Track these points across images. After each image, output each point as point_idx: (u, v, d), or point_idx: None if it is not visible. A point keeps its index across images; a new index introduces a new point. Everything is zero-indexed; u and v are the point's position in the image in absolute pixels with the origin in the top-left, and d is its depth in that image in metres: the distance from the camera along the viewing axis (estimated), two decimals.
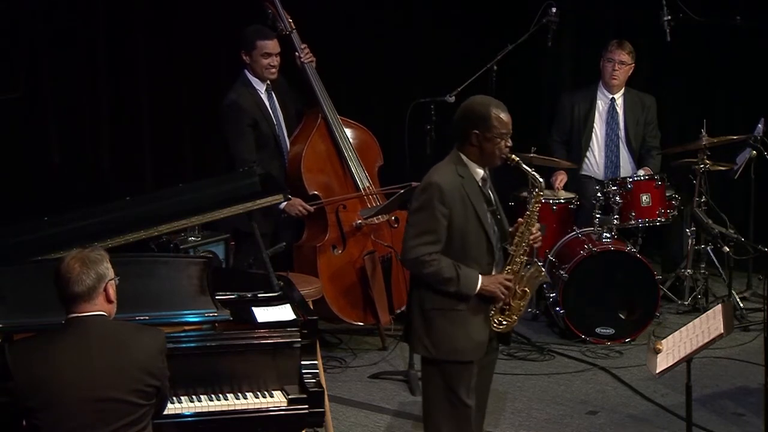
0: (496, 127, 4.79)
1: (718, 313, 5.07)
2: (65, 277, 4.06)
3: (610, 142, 8.00)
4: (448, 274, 4.77)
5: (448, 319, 4.85)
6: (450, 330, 4.85)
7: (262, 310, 4.99)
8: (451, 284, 4.79)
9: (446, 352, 4.87)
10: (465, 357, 4.87)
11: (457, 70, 7.77)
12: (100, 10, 7.87)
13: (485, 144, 4.82)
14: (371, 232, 7.21)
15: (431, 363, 4.95)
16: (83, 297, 4.06)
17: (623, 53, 7.88)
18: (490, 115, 4.79)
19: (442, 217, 4.76)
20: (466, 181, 4.83)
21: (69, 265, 4.07)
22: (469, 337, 4.86)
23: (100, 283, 4.08)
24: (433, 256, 4.76)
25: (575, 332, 7.35)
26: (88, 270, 4.06)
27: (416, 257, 4.79)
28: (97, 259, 4.10)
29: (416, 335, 4.94)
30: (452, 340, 4.85)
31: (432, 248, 4.76)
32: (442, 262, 4.77)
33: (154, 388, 4.11)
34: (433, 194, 4.77)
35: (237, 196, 5.40)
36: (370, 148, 7.36)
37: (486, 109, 4.81)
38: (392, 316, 7.28)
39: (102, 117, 7.97)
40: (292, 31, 7.22)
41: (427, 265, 4.77)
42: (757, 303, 7.84)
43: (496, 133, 4.80)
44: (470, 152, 4.86)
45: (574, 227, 7.63)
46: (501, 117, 4.81)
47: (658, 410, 6.43)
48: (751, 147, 7.72)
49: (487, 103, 4.85)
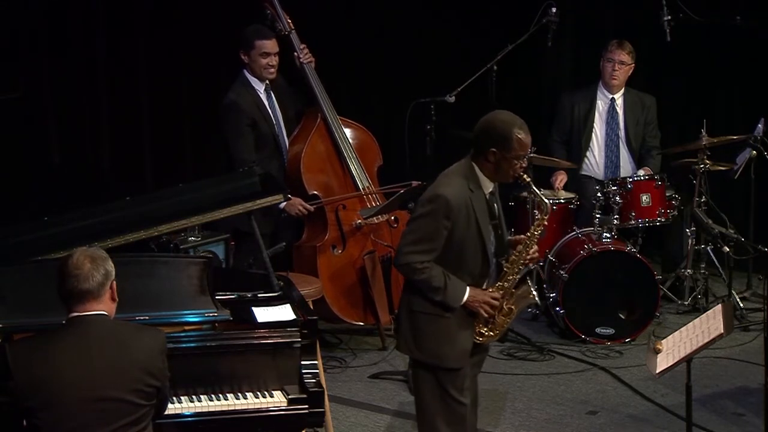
0: (515, 149, 4.76)
1: (718, 313, 5.07)
2: (74, 273, 4.04)
3: (610, 142, 8.00)
4: (436, 284, 4.78)
5: (434, 324, 4.86)
6: (435, 335, 4.86)
7: (262, 310, 4.99)
8: (438, 293, 4.80)
9: (429, 356, 4.88)
10: (448, 364, 4.87)
11: (457, 70, 7.78)
12: (100, 10, 7.87)
13: (502, 163, 4.79)
14: (371, 232, 7.21)
15: (418, 362, 4.96)
16: (92, 294, 4.05)
17: (623, 53, 7.88)
18: (512, 137, 4.75)
19: (443, 229, 4.76)
20: (474, 195, 4.81)
21: (79, 261, 4.05)
22: (453, 344, 4.87)
23: (108, 280, 4.08)
24: (425, 264, 4.77)
25: (575, 332, 7.35)
26: (98, 267, 4.06)
27: (408, 263, 4.80)
28: (105, 257, 4.11)
29: (402, 335, 4.96)
30: (436, 345, 4.86)
31: (425, 257, 4.77)
32: (433, 271, 4.77)
33: (155, 389, 4.11)
34: (440, 207, 4.75)
35: (237, 196, 5.39)
36: (370, 148, 7.36)
37: (509, 130, 4.76)
38: (392, 316, 7.27)
39: (102, 117, 7.97)
40: (291, 31, 7.22)
41: (418, 272, 4.78)
42: (757, 303, 7.84)
43: (514, 155, 4.77)
44: (485, 167, 4.83)
45: (574, 227, 7.64)
46: (522, 139, 4.77)
47: (658, 410, 6.42)
48: (751, 147, 7.72)
49: (511, 123, 4.78)
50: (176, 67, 8.13)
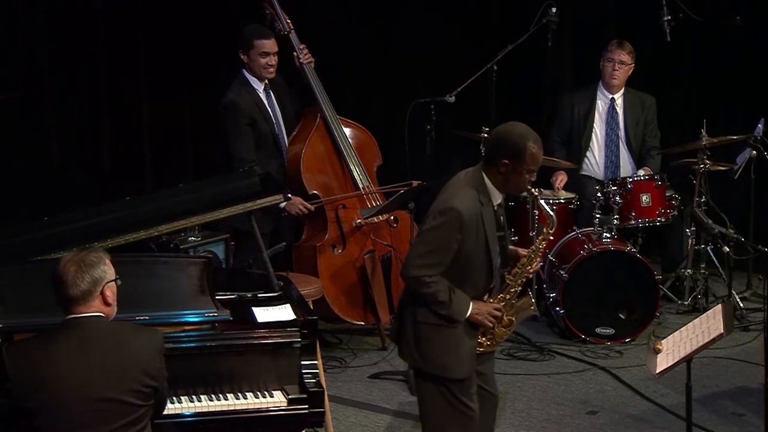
0: (528, 162, 4.75)
1: (718, 313, 5.07)
2: (61, 279, 4.06)
3: (609, 142, 8.00)
4: (442, 298, 4.77)
5: (438, 335, 4.83)
6: (440, 346, 4.84)
7: (262, 310, 4.99)
8: (443, 308, 4.78)
9: (434, 367, 4.86)
10: (453, 374, 4.86)
11: (457, 70, 7.78)
12: (100, 10, 7.87)
13: (512, 175, 4.77)
14: (371, 232, 7.21)
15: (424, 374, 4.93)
16: (78, 300, 4.06)
17: (623, 53, 7.88)
18: (527, 151, 4.73)
19: (454, 242, 4.73)
20: (485, 208, 4.79)
21: (64, 268, 4.06)
22: (458, 355, 4.85)
23: (95, 286, 4.07)
24: (432, 278, 4.75)
25: (575, 332, 7.35)
26: (83, 274, 4.05)
27: (417, 276, 4.77)
28: (94, 262, 4.08)
29: (406, 344, 4.92)
30: (441, 356, 4.84)
31: (434, 270, 4.75)
32: (440, 285, 4.76)
33: (152, 389, 4.10)
34: (453, 220, 4.71)
35: (237, 196, 5.39)
36: (369, 148, 7.36)
37: (524, 143, 4.74)
38: (392, 316, 7.28)
39: (102, 117, 7.96)
40: (290, 31, 7.22)
41: (426, 286, 4.76)
42: (757, 303, 7.84)
43: (526, 168, 4.76)
44: (495, 178, 4.81)
45: (574, 227, 7.64)
46: (535, 153, 4.75)
47: (658, 410, 6.42)
48: (751, 147, 7.71)
49: (526, 137, 4.76)
50: (176, 67, 8.12)
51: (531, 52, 8.21)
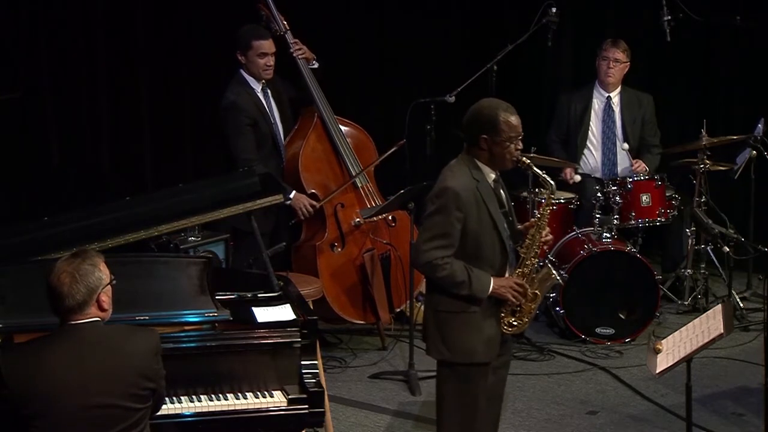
0: (504, 131, 4.77)
1: (718, 313, 5.07)
2: (56, 291, 4.00)
3: (606, 140, 8.00)
4: (460, 278, 4.76)
5: (461, 322, 4.84)
6: (463, 332, 4.84)
7: (262, 310, 4.99)
8: (463, 287, 4.77)
9: (461, 354, 4.86)
10: (479, 358, 4.86)
11: (457, 70, 7.78)
12: (100, 10, 7.87)
13: (495, 148, 4.80)
14: (370, 230, 7.22)
15: (446, 365, 4.94)
16: (73, 310, 4.01)
17: (618, 51, 7.88)
18: (499, 120, 4.77)
19: (456, 221, 4.75)
20: (480, 184, 4.81)
21: (59, 280, 4.00)
22: (483, 338, 4.85)
23: (91, 296, 4.03)
24: (445, 260, 4.75)
25: (575, 332, 7.35)
26: (78, 285, 4.00)
27: (429, 261, 4.77)
28: (88, 271, 4.03)
29: (431, 339, 4.93)
30: (466, 341, 4.84)
31: (445, 252, 4.75)
32: (455, 266, 4.75)
33: (150, 391, 4.07)
34: (449, 199, 4.74)
35: (237, 196, 5.39)
36: (366, 147, 7.36)
37: (494, 113, 4.78)
38: (392, 315, 7.29)
39: (102, 117, 7.96)
40: (286, 31, 7.22)
41: (440, 269, 4.76)
42: (757, 303, 7.84)
43: (505, 137, 4.78)
44: (481, 156, 4.84)
45: (574, 227, 7.64)
46: (510, 120, 4.78)
47: (658, 410, 6.43)
48: (751, 147, 7.72)
49: (496, 107, 4.81)
50: (176, 67, 8.13)
51: (531, 52, 8.22)
